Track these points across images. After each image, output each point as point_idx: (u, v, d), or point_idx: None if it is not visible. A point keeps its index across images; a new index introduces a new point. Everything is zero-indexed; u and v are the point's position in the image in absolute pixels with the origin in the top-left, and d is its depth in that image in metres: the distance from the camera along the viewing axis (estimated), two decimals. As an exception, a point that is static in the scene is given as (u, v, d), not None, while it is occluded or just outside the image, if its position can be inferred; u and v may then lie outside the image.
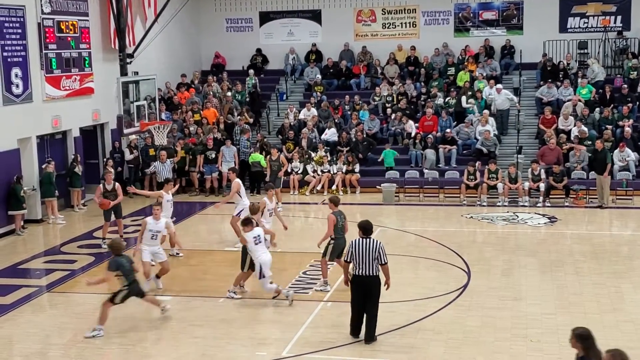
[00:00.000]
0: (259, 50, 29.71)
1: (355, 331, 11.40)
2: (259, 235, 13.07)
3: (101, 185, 17.71)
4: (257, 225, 13.42)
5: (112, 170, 19.93)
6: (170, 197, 16.45)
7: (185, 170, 23.72)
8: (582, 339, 7.23)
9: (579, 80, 25.38)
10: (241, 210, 16.48)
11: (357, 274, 11.13)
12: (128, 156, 23.35)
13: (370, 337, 11.20)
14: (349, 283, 11.39)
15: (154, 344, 11.66)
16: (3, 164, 19.03)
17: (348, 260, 11.25)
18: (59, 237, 18.87)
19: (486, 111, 24.26)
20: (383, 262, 11.14)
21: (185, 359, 10.98)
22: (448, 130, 24.06)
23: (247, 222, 13.09)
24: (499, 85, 25.11)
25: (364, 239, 11.20)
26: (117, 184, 17.72)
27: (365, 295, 11.15)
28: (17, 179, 19.06)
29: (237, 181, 16.88)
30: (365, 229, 11.33)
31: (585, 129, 22.99)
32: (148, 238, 14.09)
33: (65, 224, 20.11)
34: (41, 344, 11.77)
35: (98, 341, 11.82)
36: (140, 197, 22.17)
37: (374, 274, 11.10)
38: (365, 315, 11.24)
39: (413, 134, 24.35)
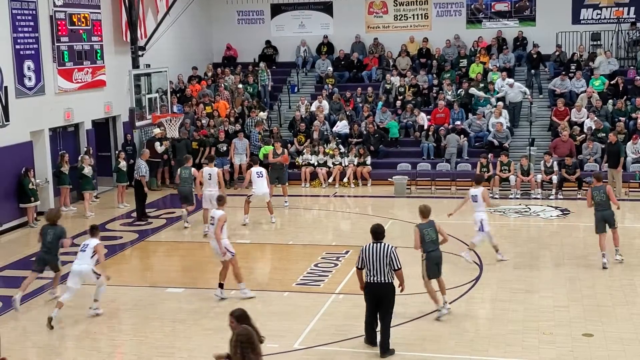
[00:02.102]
0: (270, 43, 29.69)
1: (371, 340, 10.81)
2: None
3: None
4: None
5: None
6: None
7: (197, 163, 23.75)
8: (240, 319, 7.73)
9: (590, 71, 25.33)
10: None
11: (369, 281, 10.60)
12: (159, 149, 23.22)
13: (386, 349, 10.59)
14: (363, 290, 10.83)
15: (165, 336, 11.69)
16: (16, 157, 19.10)
17: (360, 267, 10.70)
18: (71, 229, 18.90)
19: (500, 103, 24.18)
20: (397, 268, 10.59)
21: (196, 351, 11.02)
22: (458, 122, 23.98)
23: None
24: (511, 80, 24.92)
25: (375, 244, 10.64)
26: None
27: (378, 304, 10.64)
28: (24, 172, 19.08)
29: None
30: (377, 233, 10.73)
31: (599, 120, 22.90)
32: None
33: (76, 216, 20.18)
34: (55, 335, 11.84)
35: (111, 333, 11.90)
36: (155, 190, 22.53)
37: (388, 281, 10.55)
38: (380, 324, 10.74)
39: (425, 126, 24.30)
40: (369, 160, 23.35)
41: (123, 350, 11.38)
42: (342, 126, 24.82)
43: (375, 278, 10.53)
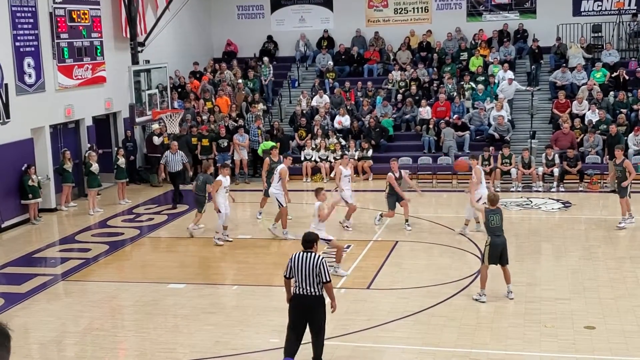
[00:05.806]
0: (270, 37, 29.65)
1: (289, 352, 9.92)
2: None
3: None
4: None
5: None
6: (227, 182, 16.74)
7: (198, 158, 23.75)
8: None
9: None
10: None
11: (297, 292, 9.75)
12: (157, 140, 23.22)
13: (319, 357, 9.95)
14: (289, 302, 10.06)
15: (168, 331, 11.70)
16: (17, 154, 19.10)
17: (288, 276, 9.86)
18: (73, 226, 18.95)
19: (502, 96, 24.14)
20: (325, 280, 9.65)
21: (199, 346, 11.02)
22: (456, 115, 23.93)
23: None
24: (511, 74, 24.84)
25: (305, 254, 9.78)
26: None
27: (306, 318, 9.79)
28: (25, 169, 19.03)
29: None
30: (306, 241, 9.93)
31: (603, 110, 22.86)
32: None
33: (78, 213, 20.17)
34: (56, 332, 11.85)
35: (113, 329, 11.91)
36: (156, 186, 22.52)
37: (317, 294, 9.67)
38: (311, 339, 9.90)
39: (429, 119, 24.21)
40: (370, 153, 23.29)
41: (125, 346, 11.39)
42: (343, 121, 24.78)
43: (303, 290, 9.71)
